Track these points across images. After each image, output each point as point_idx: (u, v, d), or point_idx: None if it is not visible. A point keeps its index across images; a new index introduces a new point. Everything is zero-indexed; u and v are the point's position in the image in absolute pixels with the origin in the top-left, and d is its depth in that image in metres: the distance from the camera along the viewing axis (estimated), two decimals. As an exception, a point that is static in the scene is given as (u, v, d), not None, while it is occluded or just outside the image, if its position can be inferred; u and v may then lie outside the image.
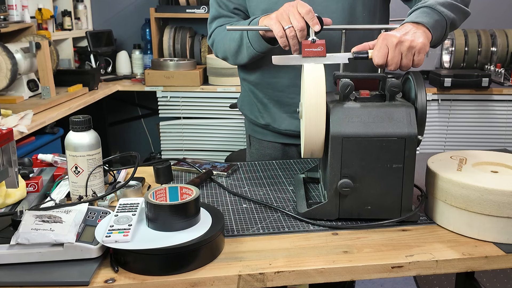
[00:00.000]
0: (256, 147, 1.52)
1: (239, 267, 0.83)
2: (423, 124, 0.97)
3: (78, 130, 1.03)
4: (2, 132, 0.91)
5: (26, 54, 2.38)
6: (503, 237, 0.90)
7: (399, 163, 0.94)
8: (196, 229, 0.85)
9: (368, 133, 0.94)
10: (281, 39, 1.09)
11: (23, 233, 0.81)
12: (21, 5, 2.67)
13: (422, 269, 0.86)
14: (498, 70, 2.93)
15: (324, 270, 0.84)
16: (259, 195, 1.14)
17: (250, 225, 0.99)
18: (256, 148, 1.52)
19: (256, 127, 1.48)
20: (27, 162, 1.20)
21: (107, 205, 1.06)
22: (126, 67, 3.38)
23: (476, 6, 3.27)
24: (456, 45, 3.07)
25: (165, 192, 0.91)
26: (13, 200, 1.04)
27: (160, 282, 0.79)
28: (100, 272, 0.81)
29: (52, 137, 2.30)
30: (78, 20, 3.33)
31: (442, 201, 0.97)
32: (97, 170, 1.05)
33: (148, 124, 3.63)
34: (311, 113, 0.95)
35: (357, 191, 0.96)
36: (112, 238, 0.81)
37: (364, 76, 1.06)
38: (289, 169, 1.32)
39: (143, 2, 3.45)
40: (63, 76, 2.72)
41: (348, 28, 1.16)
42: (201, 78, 2.98)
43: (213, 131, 3.00)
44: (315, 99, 0.94)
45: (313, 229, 0.97)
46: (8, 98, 2.33)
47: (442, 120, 2.92)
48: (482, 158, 1.05)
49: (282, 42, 1.10)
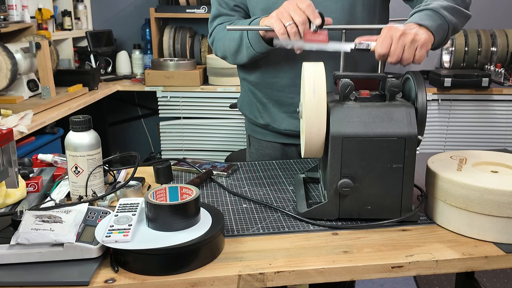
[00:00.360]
0: (256, 147, 1.52)
1: (239, 267, 0.83)
2: (423, 124, 0.97)
3: (78, 130, 1.03)
4: (2, 132, 0.91)
5: (26, 54, 2.38)
6: (503, 237, 0.90)
7: (399, 163, 0.94)
8: (196, 229, 0.85)
9: (368, 133, 0.94)
10: (282, 36, 1.09)
11: (23, 233, 0.81)
12: (21, 5, 2.67)
13: (422, 269, 0.86)
14: (498, 70, 2.93)
15: (324, 270, 0.84)
16: (259, 195, 1.14)
17: (250, 225, 0.99)
18: (256, 148, 1.52)
19: (256, 127, 1.48)
20: (27, 162, 1.20)
21: (107, 205, 1.06)
22: (126, 67, 3.38)
23: (476, 6, 3.27)
24: (456, 45, 3.07)
25: (165, 192, 0.91)
26: (13, 200, 1.04)
27: (160, 282, 0.79)
28: (100, 272, 0.81)
29: (52, 137, 2.30)
30: (78, 20, 3.33)
31: (442, 201, 0.97)
32: (97, 170, 1.05)
33: (148, 124, 3.63)
34: (311, 113, 0.95)
35: (357, 191, 0.96)
36: (112, 238, 0.81)
37: (364, 76, 1.06)
38: (289, 169, 1.32)
39: (143, 2, 3.45)
40: (63, 76, 2.72)
41: (348, 28, 1.16)
42: (201, 78, 2.98)
43: (213, 131, 3.00)
44: (315, 99, 0.94)
45: (313, 229, 0.97)
46: (8, 98, 2.33)
47: (442, 120, 2.92)
48: (482, 158, 1.05)
49: (284, 39, 1.09)
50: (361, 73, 1.07)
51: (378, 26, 1.17)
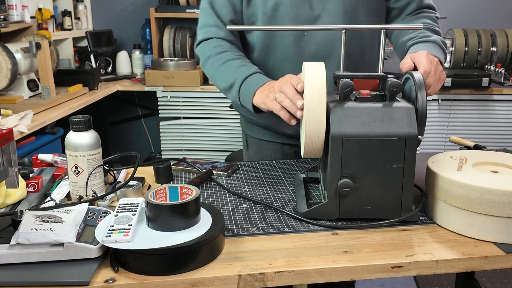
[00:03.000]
0: (255, 149, 1.51)
1: (239, 267, 0.83)
2: (423, 124, 0.97)
3: (78, 130, 1.03)
4: (2, 132, 0.91)
5: (26, 54, 2.38)
6: (503, 237, 0.90)
7: (399, 163, 0.94)
8: (196, 229, 0.85)
9: (368, 133, 0.94)
10: (280, 112, 1.06)
11: (23, 233, 0.81)
12: (21, 5, 2.68)
13: (422, 269, 0.86)
14: (498, 70, 2.93)
15: (324, 270, 0.84)
16: (259, 195, 1.14)
17: (250, 225, 0.99)
18: (255, 151, 1.51)
19: (254, 126, 1.48)
20: (27, 162, 1.20)
21: (107, 205, 1.06)
22: (126, 67, 3.38)
23: (476, 6, 3.28)
24: (456, 45, 3.07)
25: (165, 192, 0.91)
26: (13, 200, 1.04)
27: (160, 282, 0.79)
28: (100, 272, 0.81)
29: (52, 137, 2.30)
30: (78, 20, 3.33)
31: (442, 201, 0.97)
32: (97, 170, 1.05)
33: (148, 124, 3.63)
34: (311, 113, 0.95)
35: (357, 191, 0.96)
36: (112, 238, 0.81)
37: (364, 76, 1.06)
38: (289, 169, 1.32)
39: (143, 2, 3.45)
40: (63, 76, 2.72)
41: (348, 28, 1.16)
42: (201, 78, 2.98)
43: (213, 131, 3.00)
44: (315, 99, 0.94)
45: (313, 229, 0.97)
46: (8, 98, 2.33)
47: (442, 120, 2.92)
48: (482, 158, 1.05)
49: (284, 115, 1.06)
50: (361, 73, 1.07)
51: (378, 27, 1.17)
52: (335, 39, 1.27)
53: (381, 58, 1.05)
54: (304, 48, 1.29)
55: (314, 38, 1.28)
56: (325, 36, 1.28)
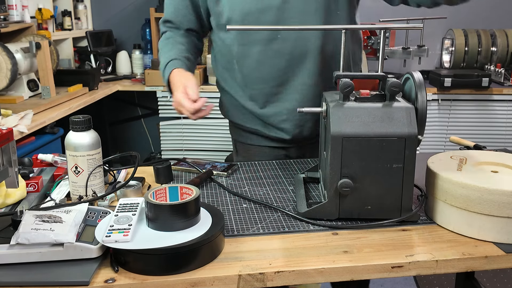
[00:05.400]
0: (243, 154, 1.50)
1: (239, 267, 0.83)
2: (423, 124, 0.97)
3: (78, 130, 1.03)
4: (2, 132, 0.91)
5: (26, 54, 2.38)
6: (503, 237, 0.90)
7: (399, 163, 0.94)
8: (196, 229, 0.85)
9: (368, 133, 0.94)
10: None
11: (23, 233, 0.81)
12: (21, 5, 2.67)
13: (422, 269, 0.86)
14: (498, 70, 2.93)
15: (324, 270, 0.84)
16: (259, 195, 1.14)
17: (250, 225, 0.99)
18: (243, 156, 1.50)
19: (241, 131, 1.47)
20: (27, 162, 1.20)
21: (107, 205, 1.06)
22: (126, 67, 3.38)
23: (476, 6, 3.27)
24: (456, 45, 3.07)
25: (165, 192, 0.91)
26: (13, 200, 1.04)
27: (160, 282, 0.79)
28: (100, 272, 0.81)
29: (52, 137, 2.30)
30: (78, 20, 3.33)
31: (442, 201, 0.97)
32: (97, 170, 1.05)
33: (148, 124, 3.63)
34: None
35: (357, 191, 0.96)
36: (112, 238, 0.81)
37: (364, 76, 1.06)
38: (289, 169, 1.32)
39: (143, 2, 3.45)
40: (63, 76, 2.72)
41: (348, 28, 1.16)
42: (201, 78, 2.98)
43: (213, 131, 3.00)
44: None
45: (313, 229, 0.97)
46: (8, 98, 2.33)
47: (442, 120, 2.92)
48: (482, 158, 1.05)
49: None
50: (361, 73, 1.07)
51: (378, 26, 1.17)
52: (308, 37, 1.27)
53: (381, 58, 1.05)
54: (280, 49, 1.29)
55: (288, 38, 1.28)
56: (298, 34, 1.27)
